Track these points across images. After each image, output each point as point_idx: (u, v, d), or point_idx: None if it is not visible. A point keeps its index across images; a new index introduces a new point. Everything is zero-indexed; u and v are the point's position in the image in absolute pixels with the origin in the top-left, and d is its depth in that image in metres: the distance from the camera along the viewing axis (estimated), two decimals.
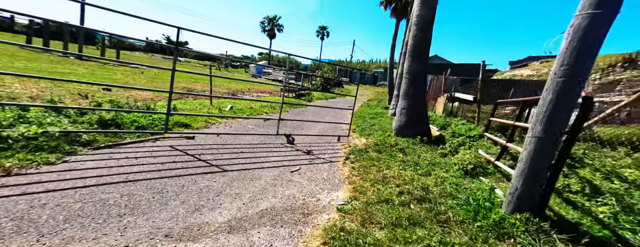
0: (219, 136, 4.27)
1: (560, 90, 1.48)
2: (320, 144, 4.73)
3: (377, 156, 4.00)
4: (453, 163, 3.59)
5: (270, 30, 46.29)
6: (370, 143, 4.89)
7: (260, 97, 11.38)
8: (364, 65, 60.79)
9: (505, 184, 2.94)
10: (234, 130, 4.87)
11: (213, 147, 3.72)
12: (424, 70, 4.88)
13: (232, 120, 5.66)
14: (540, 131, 1.55)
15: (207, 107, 6.35)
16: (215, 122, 5.19)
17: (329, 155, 4.12)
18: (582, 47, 1.41)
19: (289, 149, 4.20)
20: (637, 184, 2.03)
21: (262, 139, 4.53)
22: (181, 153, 3.29)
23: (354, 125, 7.13)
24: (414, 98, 4.86)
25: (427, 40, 4.78)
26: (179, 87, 9.81)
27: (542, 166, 1.55)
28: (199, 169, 2.91)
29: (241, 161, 3.37)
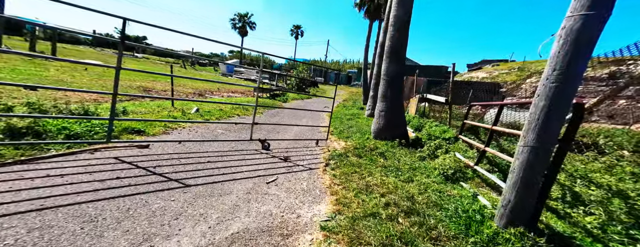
0: (181, 144, 3.79)
1: (554, 97, 1.41)
2: (298, 149, 4.48)
3: (358, 161, 3.85)
4: (432, 167, 3.56)
5: (242, 27, 44.54)
6: (350, 146, 4.75)
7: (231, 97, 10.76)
8: (338, 65, 61.39)
9: (485, 189, 2.96)
10: (200, 136, 4.40)
11: (173, 157, 3.27)
12: (402, 72, 4.87)
13: (198, 124, 5.16)
14: (533, 139, 1.48)
15: (168, 110, 5.72)
16: (178, 127, 4.67)
17: (308, 161, 3.88)
18: (575, 50, 1.35)
19: (264, 156, 3.88)
20: (614, 190, 2.11)
21: (234, 145, 4.15)
22: (130, 166, 2.80)
23: (332, 127, 6.97)
24: (392, 100, 4.82)
25: (403, 41, 4.76)
26: (134, 87, 8.73)
27: (535, 176, 1.48)
28: (153, 185, 2.47)
29: (208, 172, 2.99)
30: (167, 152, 3.38)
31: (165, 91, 9.09)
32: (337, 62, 62.76)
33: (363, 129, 6.32)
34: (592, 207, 1.81)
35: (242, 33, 44.83)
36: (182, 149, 3.61)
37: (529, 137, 1.50)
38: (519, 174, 1.53)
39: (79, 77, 8.80)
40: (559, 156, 1.52)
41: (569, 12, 1.41)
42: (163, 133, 4.16)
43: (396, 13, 4.69)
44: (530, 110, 1.55)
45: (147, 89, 9.01)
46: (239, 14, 44.53)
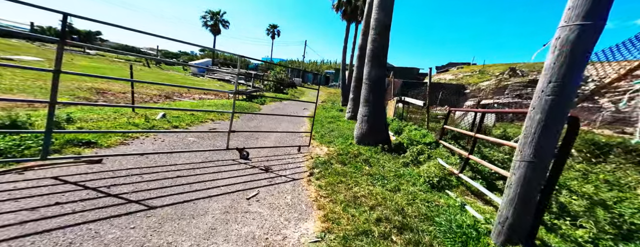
0: (145, 156, 3.39)
1: (550, 110, 1.38)
2: (279, 157, 4.25)
3: (343, 168, 3.73)
4: (417, 174, 3.55)
5: (214, 25, 42.54)
6: (333, 152, 4.62)
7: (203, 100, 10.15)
8: (316, 66, 61.32)
9: (471, 198, 2.98)
10: (168, 146, 3.99)
11: (134, 173, 2.88)
12: (383, 76, 4.85)
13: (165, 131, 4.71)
14: (531, 154, 1.44)
15: (127, 116, 5.11)
16: (141, 136, 4.21)
17: (291, 171, 3.68)
18: (570, 61, 1.32)
19: (242, 166, 3.61)
20: (595, 200, 2.21)
21: (208, 155, 3.81)
22: (75, 188, 2.37)
23: (313, 131, 6.81)
24: (374, 105, 4.78)
25: (385, 45, 4.75)
26: (84, 89, 7.51)
27: (533, 192, 1.45)
28: (106, 210, 2.11)
29: (178, 189, 2.67)
30: (125, 168, 2.97)
31: (124, 93, 8.19)
32: (315, 63, 62.70)
33: (345, 133, 6.23)
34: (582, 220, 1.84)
35: (214, 31, 42.83)
36: (146, 162, 3.21)
37: (526, 152, 1.46)
38: (516, 190, 1.48)
39: (9, 76, 7.28)
40: (555, 171, 1.51)
41: (563, 22, 1.38)
42: (121, 144, 3.68)
43: (377, 16, 4.66)
44: (526, 123, 1.52)
45: (102, 91, 7.94)
46: (210, 12, 42.43)
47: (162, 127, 4.85)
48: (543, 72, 1.47)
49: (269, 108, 10.60)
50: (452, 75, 30.15)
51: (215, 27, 42.65)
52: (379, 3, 4.64)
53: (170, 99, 9.13)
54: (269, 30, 51.73)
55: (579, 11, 1.30)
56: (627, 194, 2.30)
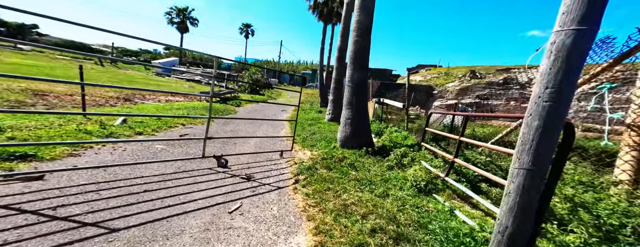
0: (103, 169, 2.96)
1: (547, 116, 1.39)
2: (261, 163, 4.02)
3: (329, 174, 3.61)
4: (403, 177, 3.55)
5: (181, 23, 39.94)
6: (317, 157, 4.49)
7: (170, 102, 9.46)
8: (292, 66, 60.89)
9: (458, 202, 3.01)
10: (131, 156, 3.57)
11: (88, 189, 2.50)
12: (366, 79, 4.84)
13: (125, 138, 4.23)
14: (529, 161, 1.44)
15: (77, 123, 4.47)
16: (95, 145, 3.72)
17: (275, 178, 3.48)
18: (567, 66, 1.34)
19: (221, 175, 3.34)
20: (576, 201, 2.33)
21: (181, 165, 3.48)
22: (6, 212, 1.97)
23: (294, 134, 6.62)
24: (358, 108, 4.75)
25: (367, 46, 4.74)
26: (16, 90, 6.39)
27: (532, 200, 1.45)
28: (53, 237, 1.77)
29: (146, 206, 2.36)
30: (77, 184, 2.57)
31: (71, 96, 7.25)
32: (291, 63, 62.25)
33: (327, 136, 6.14)
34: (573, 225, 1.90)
35: (181, 29, 40.23)
36: (104, 176, 2.82)
37: (524, 159, 1.45)
38: (515, 199, 1.47)
39: None
40: (553, 178, 1.54)
41: (558, 27, 1.40)
42: (69, 156, 3.19)
43: (358, 18, 4.64)
44: (522, 129, 1.52)
45: (41, 92, 6.84)
46: (176, 8, 39.71)
47: (123, 134, 4.34)
48: (538, 77, 1.47)
49: (246, 110, 10.19)
50: (421, 76, 31.71)
51: (182, 24, 40.17)
52: (360, 5, 4.62)
53: (130, 101, 8.30)
54: (242, 29, 50.27)
55: (574, 16, 1.32)
56: (601, 195, 2.48)
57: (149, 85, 14.28)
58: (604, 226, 1.86)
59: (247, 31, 50.15)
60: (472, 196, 2.62)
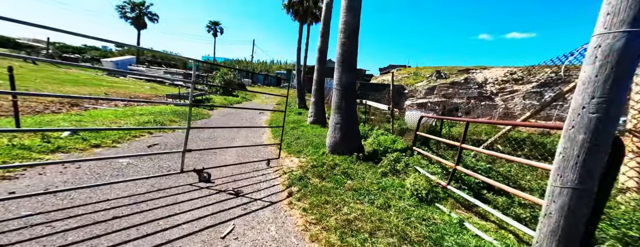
0: (52, 195, 2.44)
1: (596, 129, 1.31)
2: (247, 175, 3.70)
3: (323, 184, 3.41)
4: (399, 185, 3.49)
5: (137, 18, 36.41)
6: (306, 164, 4.27)
7: (132, 107, 8.55)
8: (265, 66, 59.39)
9: (464, 212, 2.96)
10: (89, 175, 3.04)
11: (35, 221, 2.05)
12: (355, 82, 4.72)
13: (83, 153, 3.62)
14: (575, 179, 1.36)
15: (9, 136, 3.64)
16: (38, 165, 3.14)
17: (266, 192, 3.20)
18: (618, 73, 1.26)
19: (206, 192, 2.97)
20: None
21: (155, 182, 3.04)
22: None
23: (277, 139, 6.30)
24: (347, 112, 4.62)
25: (355, 49, 4.63)
26: None
27: (578, 223, 1.37)
28: None
29: (118, 237, 1.97)
30: (16, 216, 2.08)
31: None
32: (264, 63, 60.69)
33: (314, 141, 5.93)
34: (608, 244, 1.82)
35: (138, 25, 36.76)
36: (54, 203, 2.34)
37: (568, 177, 1.37)
38: (558, 221, 1.39)
39: None
40: (602, 198, 1.45)
41: (603, 29, 1.32)
42: (2, 179, 2.63)
43: (345, 19, 4.51)
44: (563, 144, 1.44)
45: None
46: (131, 2, 35.83)
47: (75, 148, 3.73)
48: (581, 85, 1.40)
49: (220, 114, 9.57)
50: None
51: (138, 20, 36.77)
52: (346, 5, 4.50)
53: (78, 106, 7.26)
54: (209, 27, 47.86)
55: (624, 16, 1.25)
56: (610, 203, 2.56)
57: (100, 87, 12.75)
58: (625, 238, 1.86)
59: (215, 29, 47.88)
60: (483, 207, 2.59)
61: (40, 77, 12.41)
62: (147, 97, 11.55)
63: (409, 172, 3.87)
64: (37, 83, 10.43)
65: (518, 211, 2.86)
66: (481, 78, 23.49)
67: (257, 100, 19.39)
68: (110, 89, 12.23)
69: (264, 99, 20.65)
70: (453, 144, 3.14)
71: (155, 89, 16.66)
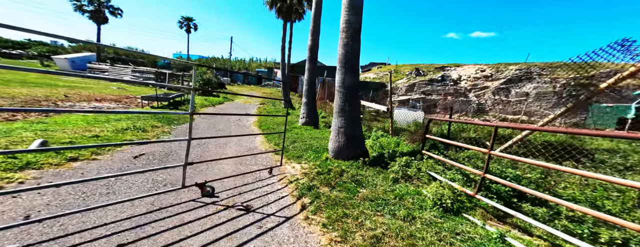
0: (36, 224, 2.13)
1: None
2: (250, 186, 3.51)
3: (335, 194, 3.31)
4: (414, 192, 3.43)
5: (97, 12, 33.53)
6: (310, 171, 4.16)
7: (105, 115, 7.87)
8: (244, 64, 57.92)
9: (498, 223, 2.84)
10: (74, 195, 2.71)
11: None
12: (358, 83, 4.67)
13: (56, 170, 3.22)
14: None
15: None
16: (5, 185, 2.75)
17: (276, 205, 3.04)
18: None
19: (212, 208, 2.76)
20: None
21: (153, 199, 2.77)
22: None
23: (272, 142, 6.10)
24: (351, 115, 4.55)
25: (357, 49, 4.57)
26: None
27: None
28: None
29: None
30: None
31: None
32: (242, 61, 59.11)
33: (312, 145, 5.81)
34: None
35: (97, 19, 33.77)
36: (43, 232, 2.03)
37: None
38: None
39: None
40: None
41: None
42: None
43: (347, 18, 4.42)
44: None
45: None
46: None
47: (48, 163, 3.31)
48: None
49: (205, 117, 9.12)
50: (374, 74, 33.53)
51: (98, 14, 33.95)
52: (348, 4, 4.42)
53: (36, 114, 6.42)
54: (181, 23, 45.49)
55: None
56: None
57: (56, 87, 11.57)
58: None
59: (189, 25, 45.65)
60: (522, 218, 2.48)
61: None
62: (117, 99, 10.74)
63: (422, 177, 3.87)
64: None
65: (565, 223, 2.61)
66: (456, 75, 24.71)
67: (240, 100, 18.81)
68: (70, 90, 11.12)
69: (247, 99, 20.09)
70: (480, 150, 3.10)
71: (124, 90, 15.59)
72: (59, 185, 2.03)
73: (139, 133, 5.24)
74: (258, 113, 11.88)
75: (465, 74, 23.84)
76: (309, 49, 8.88)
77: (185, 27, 45.75)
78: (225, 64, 52.46)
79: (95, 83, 17.51)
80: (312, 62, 8.93)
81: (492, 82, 22.47)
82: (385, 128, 7.97)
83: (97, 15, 33.97)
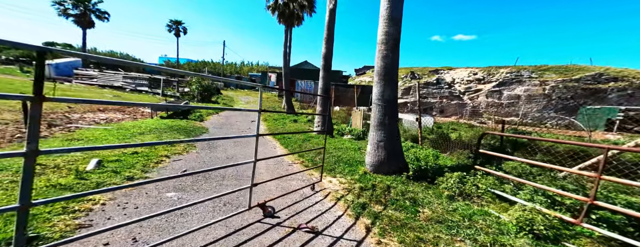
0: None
1: None
2: (299, 203, 3.50)
3: (392, 214, 3.22)
4: (481, 212, 3.29)
5: (82, 16, 32.28)
6: (351, 186, 4.15)
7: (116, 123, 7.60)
8: (235, 68, 57.44)
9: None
10: (150, 220, 2.61)
11: None
12: (396, 96, 4.71)
13: (127, 190, 3.11)
14: None
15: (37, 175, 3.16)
16: (93, 206, 2.63)
17: (338, 226, 2.97)
18: None
19: (281, 231, 2.71)
20: None
21: (225, 223, 2.69)
22: None
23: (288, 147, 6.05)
24: (390, 129, 4.57)
25: (396, 60, 4.62)
26: None
27: None
28: None
29: None
30: None
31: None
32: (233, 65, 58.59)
33: (341, 157, 5.79)
34: None
35: (83, 24, 32.69)
36: None
37: None
38: None
39: None
40: None
41: None
42: (78, 227, 2.16)
43: (387, 29, 4.48)
44: None
45: None
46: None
47: (113, 182, 3.22)
48: None
49: (216, 125, 8.96)
50: (369, 77, 33.86)
51: (84, 18, 32.83)
52: (388, 15, 4.47)
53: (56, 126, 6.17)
54: (170, 26, 44.70)
55: None
56: None
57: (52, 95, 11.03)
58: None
59: (178, 29, 44.89)
60: None
61: None
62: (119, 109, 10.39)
63: (482, 195, 3.74)
64: None
65: None
66: (449, 78, 25.41)
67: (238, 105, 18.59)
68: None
69: (244, 104, 19.88)
70: (586, 175, 2.97)
71: (120, 97, 15.11)
72: (154, 216, 1.94)
73: (169, 148, 5.09)
74: (263, 119, 11.77)
75: (459, 77, 24.53)
76: (323, 57, 8.92)
77: (174, 31, 45.02)
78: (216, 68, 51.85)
79: (87, 89, 16.91)
80: (327, 71, 8.97)
81: (484, 85, 23.24)
82: (405, 136, 8.05)
83: (82, 20, 32.85)
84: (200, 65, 54.31)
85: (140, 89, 19.99)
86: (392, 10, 4.45)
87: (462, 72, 25.57)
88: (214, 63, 56.62)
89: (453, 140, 7.49)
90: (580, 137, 10.33)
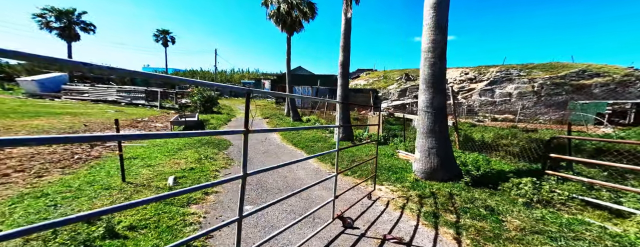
0: None
1: None
2: (367, 212, 3.48)
3: (475, 223, 3.14)
4: (578, 222, 3.09)
5: (66, 28, 30.94)
6: (406, 194, 4.16)
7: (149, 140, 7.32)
8: (226, 75, 56.84)
9: None
10: (251, 234, 2.54)
11: None
12: (446, 103, 4.78)
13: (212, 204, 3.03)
14: None
15: (109, 188, 3.44)
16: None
17: (422, 237, 2.91)
18: None
19: (372, 242, 2.70)
20: None
21: (318, 236, 2.63)
22: None
23: (329, 163, 5.99)
24: (441, 135, 4.62)
25: (444, 68, 4.70)
26: None
27: None
28: None
29: None
30: None
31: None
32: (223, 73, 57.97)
33: (380, 164, 5.77)
34: None
35: (68, 37, 31.25)
36: None
37: None
38: None
39: None
40: None
41: None
42: None
43: (434, 37, 4.56)
44: None
45: None
46: (55, 10, 30.04)
47: (199, 198, 3.53)
48: None
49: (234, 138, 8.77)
50: (364, 80, 34.12)
51: (68, 31, 31.35)
52: (434, 23, 4.55)
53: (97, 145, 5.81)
54: (158, 36, 43.91)
55: None
56: None
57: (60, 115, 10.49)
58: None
59: (165, 38, 44.14)
60: None
61: None
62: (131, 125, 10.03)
63: (567, 203, 3.57)
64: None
65: None
66: None
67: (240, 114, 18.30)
68: (74, 117, 10.19)
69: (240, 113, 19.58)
70: None
71: (121, 112, 14.58)
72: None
73: (214, 163, 5.04)
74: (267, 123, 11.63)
75: (451, 77, 25.17)
76: (340, 64, 8.99)
77: (162, 41, 44.27)
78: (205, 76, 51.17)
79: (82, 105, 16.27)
80: (344, 78, 9.04)
81: (476, 84, 23.96)
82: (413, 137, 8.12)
83: (67, 32, 31.58)
84: (188, 74, 53.48)
85: (136, 102, 19.39)
86: (439, 18, 4.55)
87: (454, 72, 26.15)
88: (203, 71, 55.87)
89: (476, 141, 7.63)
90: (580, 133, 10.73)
